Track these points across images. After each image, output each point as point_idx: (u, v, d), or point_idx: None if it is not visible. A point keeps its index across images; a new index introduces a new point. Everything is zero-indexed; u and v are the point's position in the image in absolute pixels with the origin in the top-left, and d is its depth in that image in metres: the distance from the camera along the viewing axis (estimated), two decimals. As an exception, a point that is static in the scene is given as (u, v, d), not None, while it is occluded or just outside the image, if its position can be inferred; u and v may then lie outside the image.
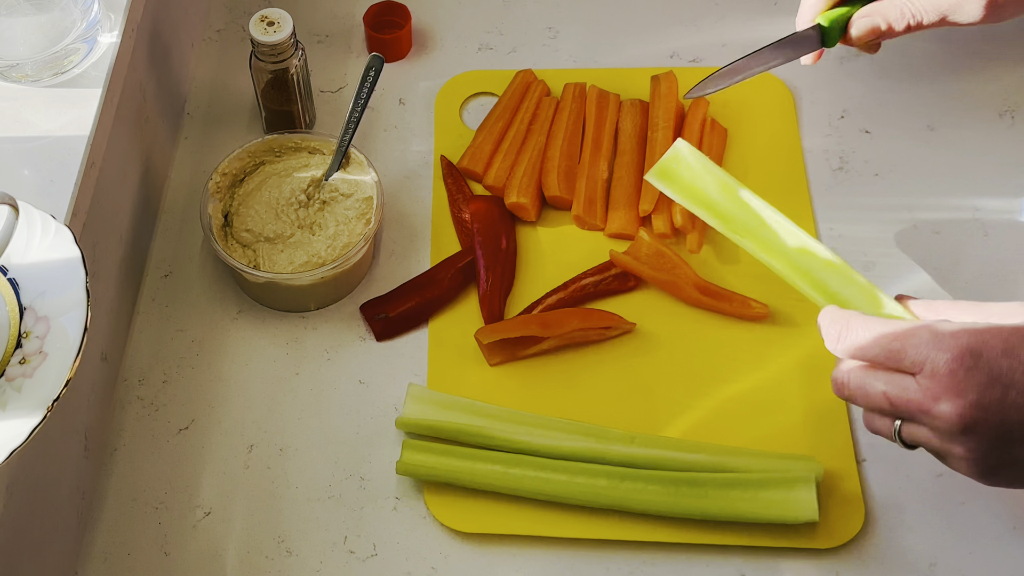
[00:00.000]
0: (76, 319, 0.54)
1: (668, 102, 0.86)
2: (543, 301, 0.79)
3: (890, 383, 0.62)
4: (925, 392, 0.60)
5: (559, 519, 0.71)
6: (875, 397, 0.63)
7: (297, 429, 0.75)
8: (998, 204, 0.84)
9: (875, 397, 0.63)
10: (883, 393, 0.62)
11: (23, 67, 0.69)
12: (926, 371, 0.61)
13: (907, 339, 0.62)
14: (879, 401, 0.63)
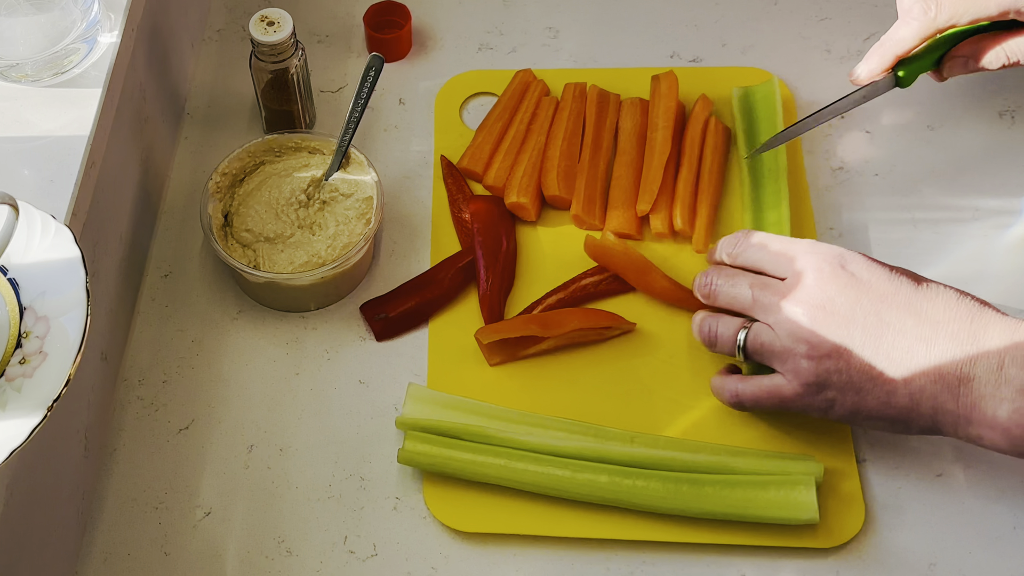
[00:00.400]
0: (76, 319, 0.54)
1: (668, 102, 0.86)
2: (543, 301, 0.79)
3: (756, 279, 0.70)
4: (787, 286, 0.68)
5: (559, 519, 0.71)
6: (740, 287, 0.70)
7: (297, 429, 0.76)
8: (998, 204, 0.84)
9: (740, 287, 0.70)
10: (749, 284, 0.69)
11: (23, 67, 0.69)
12: (795, 271, 0.68)
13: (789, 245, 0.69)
14: (742, 291, 0.69)
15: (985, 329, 0.64)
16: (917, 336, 0.65)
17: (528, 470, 0.71)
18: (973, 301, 0.66)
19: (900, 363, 0.65)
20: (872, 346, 0.65)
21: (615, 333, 0.78)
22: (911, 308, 0.66)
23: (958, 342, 0.64)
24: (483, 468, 0.71)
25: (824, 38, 0.94)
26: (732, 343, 0.70)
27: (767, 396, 0.69)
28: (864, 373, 0.66)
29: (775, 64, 0.92)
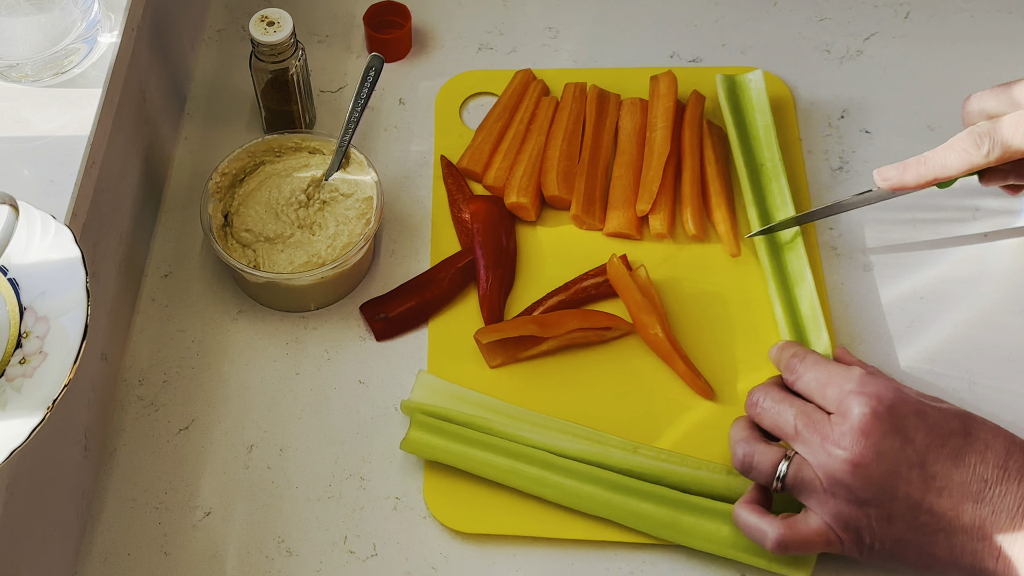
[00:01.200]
0: (76, 319, 0.54)
1: (667, 102, 0.86)
2: (544, 302, 0.79)
3: (804, 408, 0.66)
4: (832, 426, 0.64)
5: (559, 520, 0.71)
6: (786, 415, 0.66)
7: (297, 429, 0.75)
8: (998, 204, 0.84)
9: (786, 415, 0.66)
10: (795, 413, 0.66)
11: (23, 67, 0.69)
12: (841, 409, 0.64)
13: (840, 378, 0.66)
14: (787, 419, 0.66)
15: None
16: (964, 494, 0.62)
17: (530, 473, 0.71)
18: (1021, 455, 0.63)
19: (943, 519, 0.62)
20: (915, 499, 0.62)
21: (615, 334, 0.78)
22: (959, 461, 0.62)
23: (1006, 503, 0.61)
24: (484, 464, 0.71)
25: (824, 38, 0.94)
26: (771, 475, 0.66)
27: (816, 542, 0.65)
28: (905, 524, 0.63)
29: (775, 64, 0.92)
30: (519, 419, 0.73)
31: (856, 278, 0.81)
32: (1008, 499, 0.62)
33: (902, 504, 0.63)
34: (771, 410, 0.67)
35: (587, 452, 0.71)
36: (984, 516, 0.62)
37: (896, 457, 0.63)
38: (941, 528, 0.62)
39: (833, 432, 0.64)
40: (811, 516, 0.65)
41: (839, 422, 0.64)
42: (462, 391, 0.74)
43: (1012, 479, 0.62)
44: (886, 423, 0.63)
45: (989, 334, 0.79)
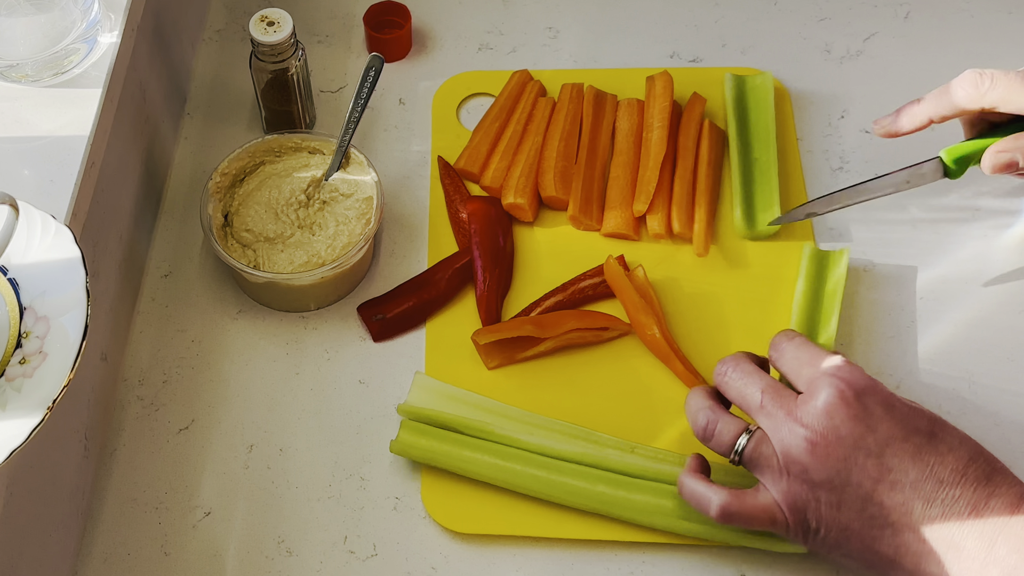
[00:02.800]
0: (76, 319, 0.54)
1: (663, 102, 0.86)
2: (541, 303, 0.79)
3: (772, 383, 0.66)
4: (799, 403, 0.64)
5: (557, 519, 0.71)
6: (752, 388, 0.66)
7: (297, 429, 0.76)
8: (998, 204, 0.84)
9: (752, 388, 0.66)
10: (762, 387, 0.65)
11: (23, 67, 0.69)
12: (811, 389, 0.64)
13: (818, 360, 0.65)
14: (753, 393, 0.65)
15: (987, 500, 0.60)
16: (917, 492, 0.61)
17: (520, 471, 0.71)
18: (985, 464, 0.62)
19: (892, 514, 0.61)
20: (867, 488, 0.62)
21: (612, 335, 0.78)
22: (918, 459, 0.61)
23: (957, 508, 0.60)
24: (474, 465, 0.71)
25: (824, 38, 0.94)
26: (730, 447, 0.66)
27: (760, 516, 0.65)
28: (854, 513, 0.62)
29: (775, 64, 0.92)
30: (516, 420, 0.73)
31: (856, 278, 0.81)
32: (960, 504, 0.60)
33: (853, 492, 0.62)
34: (739, 381, 0.67)
35: (584, 453, 0.71)
36: (933, 517, 0.60)
37: (855, 443, 0.62)
38: (889, 523, 0.61)
39: (798, 409, 0.63)
40: (762, 492, 0.65)
41: (806, 400, 0.63)
42: (459, 392, 0.74)
43: (968, 484, 0.61)
44: (852, 408, 0.62)
45: (989, 334, 0.79)
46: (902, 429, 0.62)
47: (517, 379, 0.77)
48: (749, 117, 0.87)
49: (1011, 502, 0.60)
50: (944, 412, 0.75)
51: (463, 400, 0.74)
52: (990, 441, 0.74)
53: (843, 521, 0.62)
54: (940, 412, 0.75)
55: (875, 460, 0.62)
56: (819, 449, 0.62)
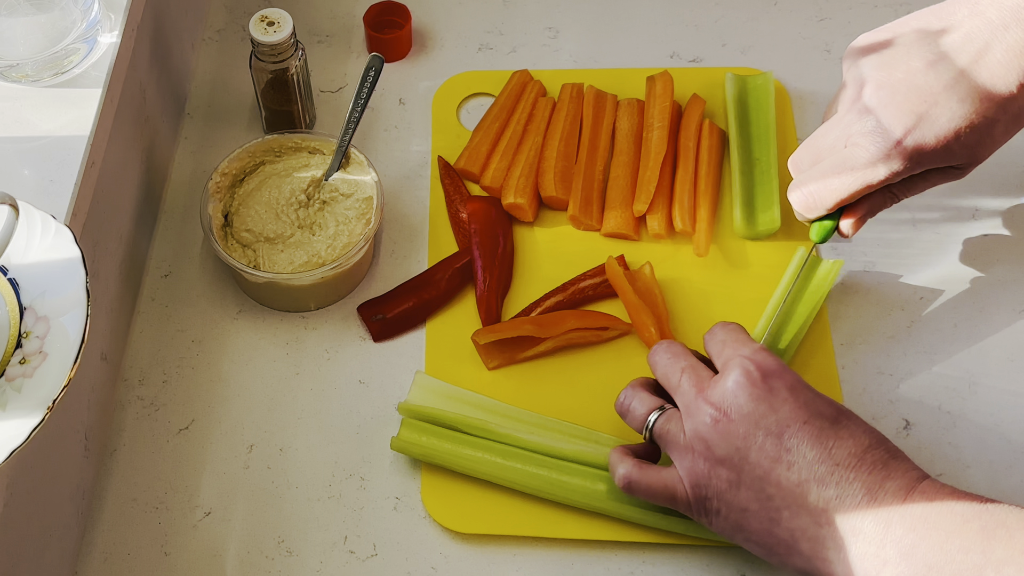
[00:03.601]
0: (76, 319, 0.54)
1: (663, 102, 0.86)
2: (541, 303, 0.79)
3: (694, 364, 0.68)
4: (710, 382, 0.66)
5: (558, 519, 0.71)
6: (673, 368, 0.68)
7: (297, 429, 0.76)
8: (998, 204, 0.84)
9: (673, 368, 0.68)
10: (682, 367, 0.67)
11: (23, 67, 0.69)
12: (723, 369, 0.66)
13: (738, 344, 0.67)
14: (674, 372, 0.68)
15: (882, 483, 0.60)
16: (812, 473, 0.61)
17: (520, 469, 0.71)
18: (884, 452, 0.62)
19: (789, 495, 0.62)
20: (765, 468, 0.62)
21: (612, 334, 0.78)
22: (817, 441, 0.62)
23: (852, 491, 0.60)
24: (474, 463, 0.71)
25: (824, 38, 0.94)
26: (641, 422, 0.68)
27: (661, 491, 0.66)
28: (751, 493, 0.63)
29: (775, 64, 0.92)
30: (516, 419, 0.73)
31: (856, 278, 0.81)
32: (855, 486, 0.61)
33: (751, 471, 0.63)
34: (664, 362, 0.69)
35: (584, 452, 0.71)
36: (828, 499, 0.61)
37: (756, 422, 0.63)
38: (786, 505, 0.62)
39: (709, 388, 0.65)
40: (668, 468, 0.66)
41: (716, 381, 0.65)
42: (459, 392, 0.74)
43: (864, 468, 0.61)
44: (757, 388, 0.64)
45: (989, 334, 0.79)
46: (805, 412, 0.63)
47: (517, 379, 0.77)
48: (750, 117, 0.87)
49: (906, 485, 0.61)
50: (944, 412, 0.75)
51: (463, 399, 0.74)
52: (990, 441, 0.74)
53: (742, 501, 0.63)
54: (940, 412, 0.75)
55: (774, 440, 0.62)
56: (721, 426, 0.63)
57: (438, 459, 0.72)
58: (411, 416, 0.73)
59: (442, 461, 0.72)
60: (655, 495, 0.67)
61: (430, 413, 0.73)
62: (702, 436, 0.64)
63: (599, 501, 0.70)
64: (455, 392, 0.74)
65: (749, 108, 0.87)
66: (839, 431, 0.62)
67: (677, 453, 0.66)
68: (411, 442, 0.72)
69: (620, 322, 0.78)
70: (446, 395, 0.74)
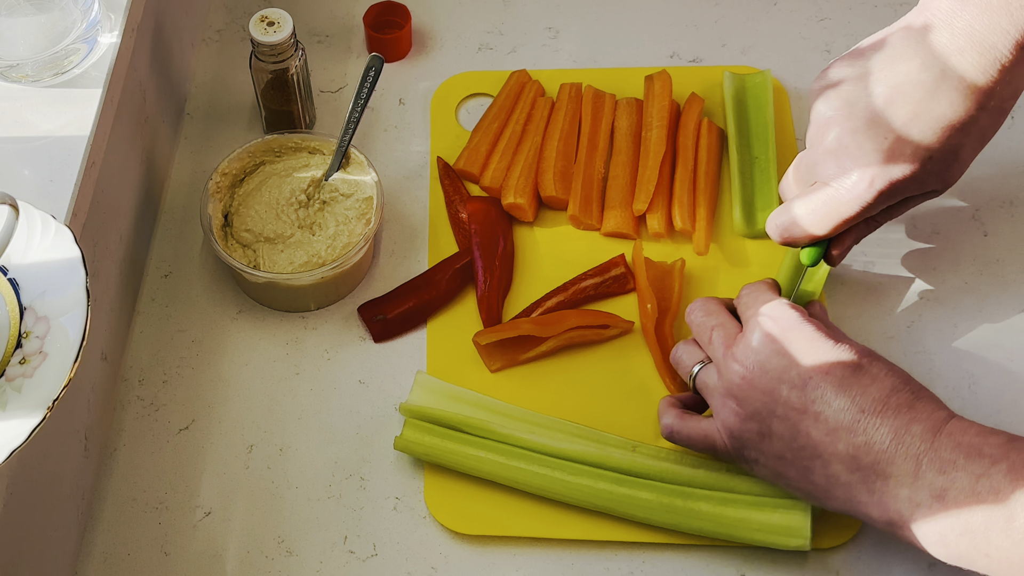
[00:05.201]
0: (76, 319, 0.54)
1: (662, 101, 0.86)
2: (542, 303, 0.79)
3: (724, 322, 0.70)
4: (738, 339, 0.68)
5: (559, 520, 0.71)
6: (706, 325, 0.70)
7: (297, 429, 0.76)
8: (998, 204, 0.84)
9: (706, 325, 0.70)
10: (713, 325, 0.70)
11: (23, 67, 0.69)
12: (748, 325, 0.68)
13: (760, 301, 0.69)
14: (705, 330, 0.70)
15: (909, 427, 0.62)
16: (840, 421, 0.63)
17: (523, 468, 0.71)
18: (908, 393, 0.63)
19: (819, 444, 0.63)
20: (793, 420, 0.64)
21: (614, 333, 0.78)
22: (842, 389, 0.63)
23: (879, 436, 0.62)
24: (478, 463, 0.71)
25: (824, 38, 0.94)
26: (687, 374, 0.71)
27: (700, 440, 0.69)
28: (784, 444, 0.65)
29: (775, 64, 0.92)
30: (518, 419, 0.73)
31: (856, 278, 0.81)
32: (882, 431, 0.62)
33: (780, 424, 0.65)
34: (698, 320, 0.71)
35: (587, 452, 0.71)
36: (857, 446, 0.62)
37: (780, 376, 0.65)
38: (816, 455, 0.64)
39: (735, 345, 0.67)
40: (708, 419, 0.69)
41: (742, 338, 0.67)
42: (461, 391, 0.74)
43: (889, 412, 0.62)
44: (777, 343, 0.65)
45: (989, 334, 0.79)
46: (826, 362, 0.64)
47: (518, 379, 0.77)
48: (748, 116, 0.87)
49: (933, 427, 0.62)
50: (944, 412, 0.75)
51: (465, 399, 0.74)
52: (990, 441, 0.74)
53: (776, 452, 0.65)
54: (940, 412, 0.75)
55: (798, 392, 0.64)
56: (747, 382, 0.66)
57: (441, 459, 0.72)
58: (413, 416, 0.73)
59: (445, 461, 0.72)
60: (694, 443, 0.69)
61: (432, 413, 0.73)
62: (732, 392, 0.66)
63: (603, 500, 0.70)
64: (457, 392, 0.74)
65: (748, 107, 0.87)
66: (861, 377, 0.64)
67: (715, 405, 0.68)
68: (414, 442, 0.72)
69: (621, 320, 0.78)
70: (448, 395, 0.74)
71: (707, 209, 0.82)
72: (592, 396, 0.76)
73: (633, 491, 0.70)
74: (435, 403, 0.74)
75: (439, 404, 0.74)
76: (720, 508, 0.69)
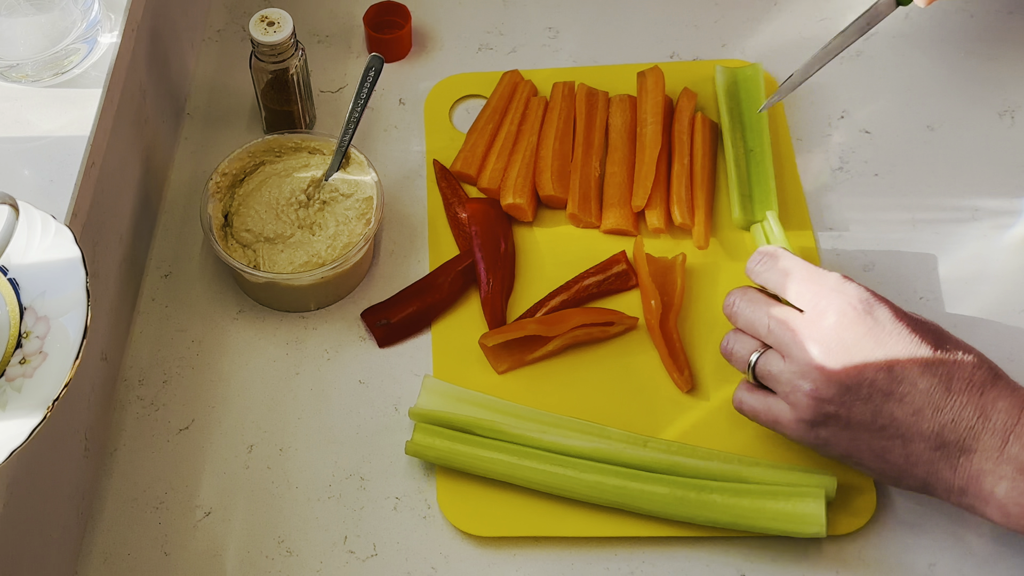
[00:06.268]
0: (76, 319, 0.54)
1: (655, 96, 0.87)
2: (546, 303, 0.79)
3: (778, 308, 0.68)
4: (806, 322, 0.66)
5: (573, 518, 0.71)
6: (759, 314, 0.68)
7: (297, 429, 0.76)
8: (998, 204, 0.84)
9: (759, 314, 0.68)
10: (768, 313, 0.68)
11: (23, 67, 0.69)
12: (817, 308, 0.66)
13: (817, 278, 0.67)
14: (760, 319, 0.68)
15: (995, 403, 0.63)
16: (927, 401, 0.63)
17: (536, 468, 0.71)
18: (989, 371, 0.64)
19: (903, 423, 0.64)
20: (878, 400, 0.64)
21: (619, 330, 0.78)
22: (927, 370, 0.64)
23: (966, 414, 0.63)
24: (489, 464, 0.71)
25: (824, 38, 0.93)
26: (744, 363, 0.70)
27: (765, 415, 0.69)
28: (864, 424, 0.65)
29: (775, 64, 0.92)
30: (528, 419, 0.73)
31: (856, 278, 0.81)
32: (969, 409, 0.63)
33: (863, 406, 0.64)
34: (746, 310, 0.70)
35: (597, 450, 0.71)
36: (943, 423, 0.63)
37: (866, 357, 0.64)
38: (899, 435, 0.64)
39: (806, 329, 0.66)
40: (776, 397, 0.68)
41: (815, 320, 0.66)
42: (469, 393, 0.74)
43: (975, 390, 0.63)
44: (861, 325, 0.65)
45: (989, 334, 0.79)
46: (910, 341, 0.64)
47: (525, 380, 0.77)
48: (742, 108, 0.87)
49: (1018, 403, 0.63)
50: (944, 412, 0.75)
51: (473, 401, 0.74)
52: (990, 441, 0.74)
53: (853, 431, 0.65)
54: (940, 412, 0.75)
55: (885, 374, 0.64)
56: (830, 365, 0.64)
57: (453, 462, 0.71)
58: (422, 420, 0.73)
59: (457, 464, 0.71)
60: (759, 417, 0.69)
61: (442, 417, 0.73)
62: (810, 377, 0.65)
63: (618, 496, 0.70)
64: (465, 394, 0.74)
65: (740, 99, 0.87)
66: (945, 355, 0.64)
67: (782, 391, 0.67)
68: (425, 446, 0.72)
69: (626, 317, 0.78)
70: (456, 398, 0.74)
71: (705, 203, 0.83)
72: (600, 393, 0.76)
73: (647, 486, 0.70)
74: (444, 406, 0.74)
75: (448, 407, 0.74)
76: (735, 499, 0.69)
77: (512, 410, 0.74)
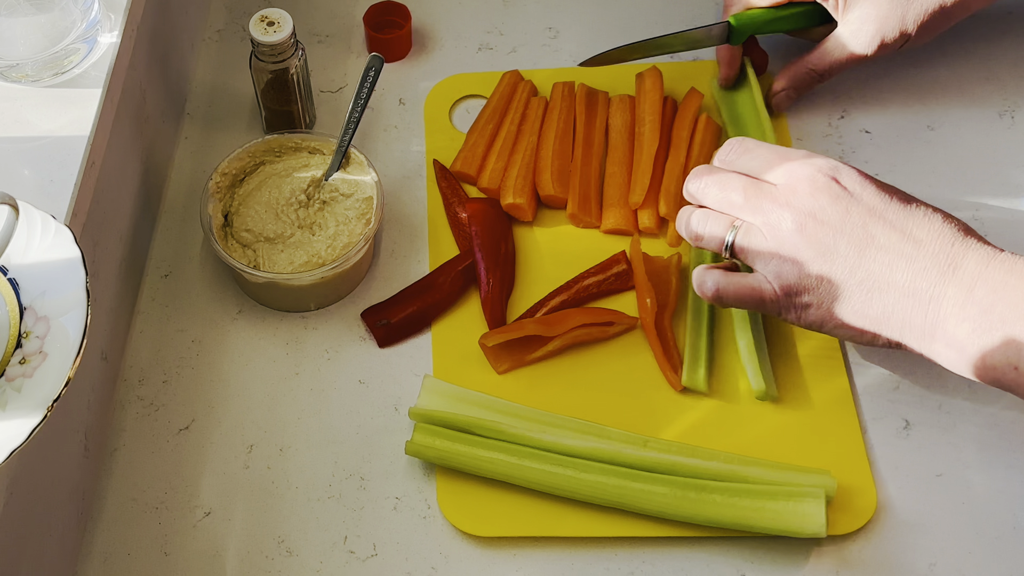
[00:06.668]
0: (76, 319, 0.54)
1: (653, 96, 0.87)
2: (546, 303, 0.79)
3: (749, 182, 0.71)
4: (780, 192, 0.69)
5: (573, 518, 0.71)
6: (731, 190, 0.71)
7: (297, 429, 0.76)
8: (998, 204, 0.84)
9: (731, 190, 0.71)
10: (742, 186, 0.70)
11: (23, 67, 0.69)
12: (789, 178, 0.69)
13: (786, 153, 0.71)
14: (734, 192, 0.71)
15: (965, 253, 0.66)
16: (899, 252, 0.66)
17: (535, 468, 0.71)
18: (958, 227, 0.67)
19: (879, 276, 0.67)
20: (856, 256, 0.67)
21: (618, 329, 0.78)
22: (898, 225, 0.67)
23: (936, 262, 0.66)
24: (489, 464, 0.71)
25: (824, 38, 0.94)
26: (720, 241, 0.71)
27: (748, 294, 0.70)
28: (844, 282, 0.67)
29: (775, 64, 0.92)
30: (528, 419, 0.73)
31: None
32: (940, 258, 0.66)
33: (843, 263, 0.67)
34: (717, 184, 0.72)
35: (597, 450, 0.71)
36: (916, 272, 0.66)
37: (841, 218, 0.67)
38: (877, 287, 0.67)
39: (783, 195, 0.69)
40: (753, 274, 0.70)
41: (791, 188, 0.69)
42: (469, 393, 0.74)
43: (945, 241, 0.66)
44: (833, 189, 0.68)
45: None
46: (880, 200, 0.68)
47: (525, 380, 0.77)
48: (737, 104, 0.87)
49: (986, 256, 0.66)
50: (944, 413, 0.75)
51: (473, 401, 0.74)
52: (990, 441, 0.74)
53: (834, 290, 0.68)
54: (940, 413, 0.75)
55: (860, 230, 0.67)
56: (808, 228, 0.68)
57: (453, 462, 0.71)
58: (422, 420, 0.73)
59: (457, 464, 0.71)
60: (743, 299, 0.71)
61: (442, 416, 0.73)
62: (788, 241, 0.68)
63: (618, 496, 0.70)
64: (465, 394, 0.74)
65: (736, 96, 0.87)
66: (914, 211, 0.68)
67: (761, 261, 0.69)
68: (425, 446, 0.72)
69: (626, 317, 0.78)
70: (456, 398, 0.74)
71: None
72: (600, 393, 0.76)
73: (647, 486, 0.70)
74: (444, 406, 0.74)
75: (448, 407, 0.74)
76: (735, 499, 0.69)
77: (512, 410, 0.74)
